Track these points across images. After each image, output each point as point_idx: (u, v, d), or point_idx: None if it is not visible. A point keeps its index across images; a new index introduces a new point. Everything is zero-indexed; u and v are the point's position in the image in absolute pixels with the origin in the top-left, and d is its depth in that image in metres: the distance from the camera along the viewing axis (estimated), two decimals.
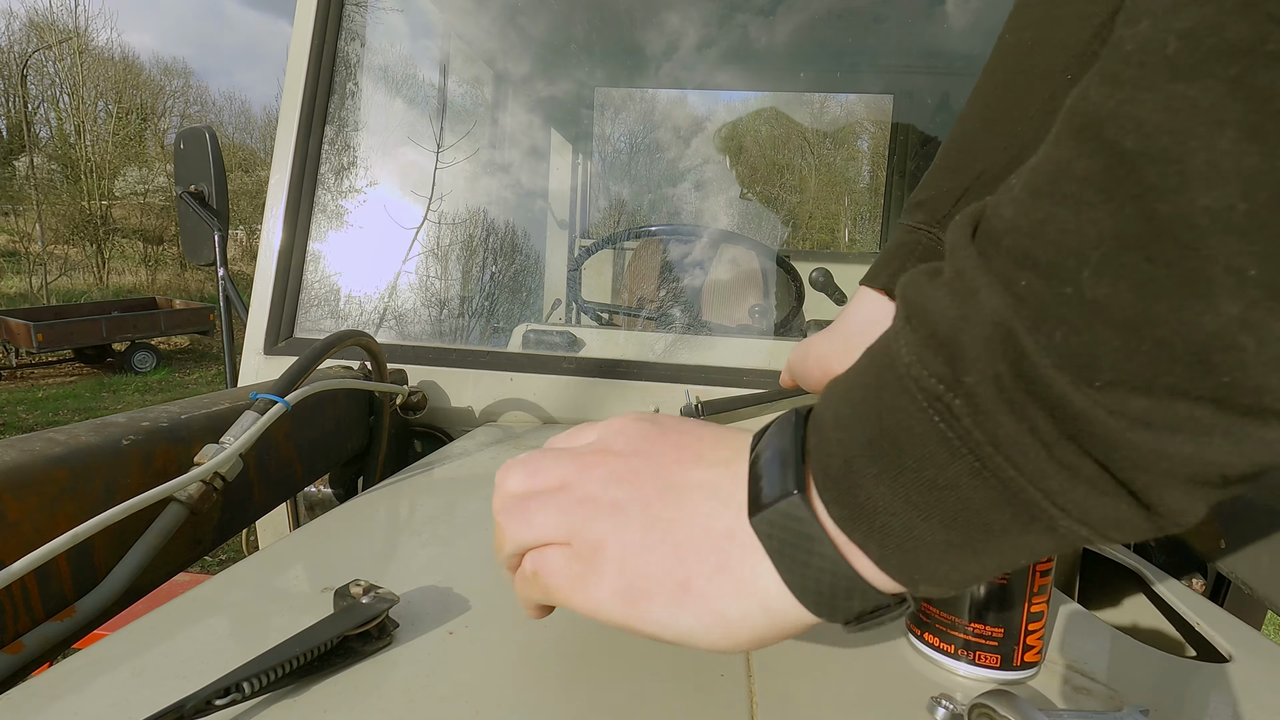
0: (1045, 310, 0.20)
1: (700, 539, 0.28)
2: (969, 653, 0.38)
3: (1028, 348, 0.20)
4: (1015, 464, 0.21)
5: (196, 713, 0.30)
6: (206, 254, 1.14)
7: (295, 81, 1.05)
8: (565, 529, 0.31)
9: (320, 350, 0.65)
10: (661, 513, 0.29)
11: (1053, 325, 0.20)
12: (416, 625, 0.41)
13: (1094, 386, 0.19)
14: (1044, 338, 0.20)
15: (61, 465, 0.48)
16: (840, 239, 12.94)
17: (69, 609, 0.47)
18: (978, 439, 0.21)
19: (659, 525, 0.29)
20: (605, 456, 0.32)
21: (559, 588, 0.31)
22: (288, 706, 0.33)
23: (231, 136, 22.41)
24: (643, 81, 2.02)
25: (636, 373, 0.97)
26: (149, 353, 9.31)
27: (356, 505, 0.64)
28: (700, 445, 0.31)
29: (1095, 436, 0.20)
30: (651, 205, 2.15)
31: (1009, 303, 0.21)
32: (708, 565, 0.27)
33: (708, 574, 0.27)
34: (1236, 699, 0.39)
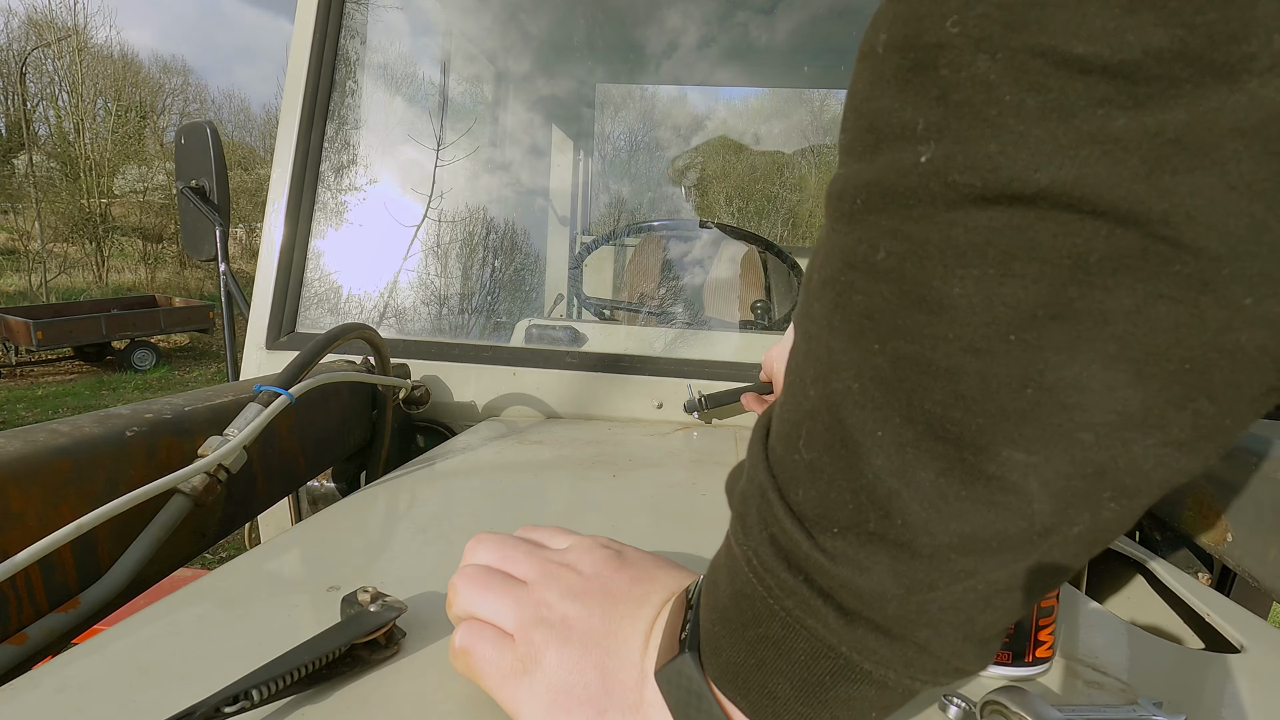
0: (786, 472, 0.24)
1: (624, 676, 0.30)
2: None
3: (778, 509, 0.24)
4: (810, 614, 0.23)
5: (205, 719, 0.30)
6: (207, 249, 1.14)
7: (296, 79, 1.05)
8: (514, 621, 0.33)
9: (324, 343, 0.65)
10: (601, 640, 0.31)
11: (794, 485, 0.23)
12: (424, 634, 0.40)
13: (830, 534, 0.23)
14: (791, 497, 0.24)
15: (65, 456, 0.48)
16: None
17: (73, 600, 0.47)
18: (777, 594, 0.24)
19: (596, 650, 0.31)
20: (569, 572, 0.35)
21: (486, 675, 0.33)
22: (296, 715, 0.33)
23: (231, 134, 22.39)
24: (644, 78, 2.02)
25: (639, 367, 0.97)
26: (149, 350, 9.31)
27: (359, 499, 0.64)
28: (651, 585, 0.33)
29: (843, 584, 0.22)
30: (652, 202, 2.14)
31: (769, 475, 0.24)
32: (625, 702, 0.29)
33: (623, 710, 0.29)
34: (1250, 689, 0.39)
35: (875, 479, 0.21)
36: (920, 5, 0.19)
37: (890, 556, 0.22)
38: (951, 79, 0.18)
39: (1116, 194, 0.17)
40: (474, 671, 0.33)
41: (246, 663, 0.33)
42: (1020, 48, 0.17)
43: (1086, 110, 0.17)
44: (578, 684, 0.30)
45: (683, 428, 0.94)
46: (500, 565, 0.37)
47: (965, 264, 0.19)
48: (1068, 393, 0.19)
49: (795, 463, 0.23)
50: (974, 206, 0.18)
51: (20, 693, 0.34)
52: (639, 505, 0.63)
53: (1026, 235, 0.18)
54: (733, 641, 0.26)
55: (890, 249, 0.20)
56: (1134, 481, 0.20)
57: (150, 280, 16.09)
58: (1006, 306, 0.18)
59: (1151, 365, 0.18)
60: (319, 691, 0.35)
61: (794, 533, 0.23)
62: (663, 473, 0.73)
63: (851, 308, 0.21)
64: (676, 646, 0.28)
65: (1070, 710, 0.33)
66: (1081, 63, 0.16)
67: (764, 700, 0.25)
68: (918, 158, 0.19)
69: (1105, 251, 0.17)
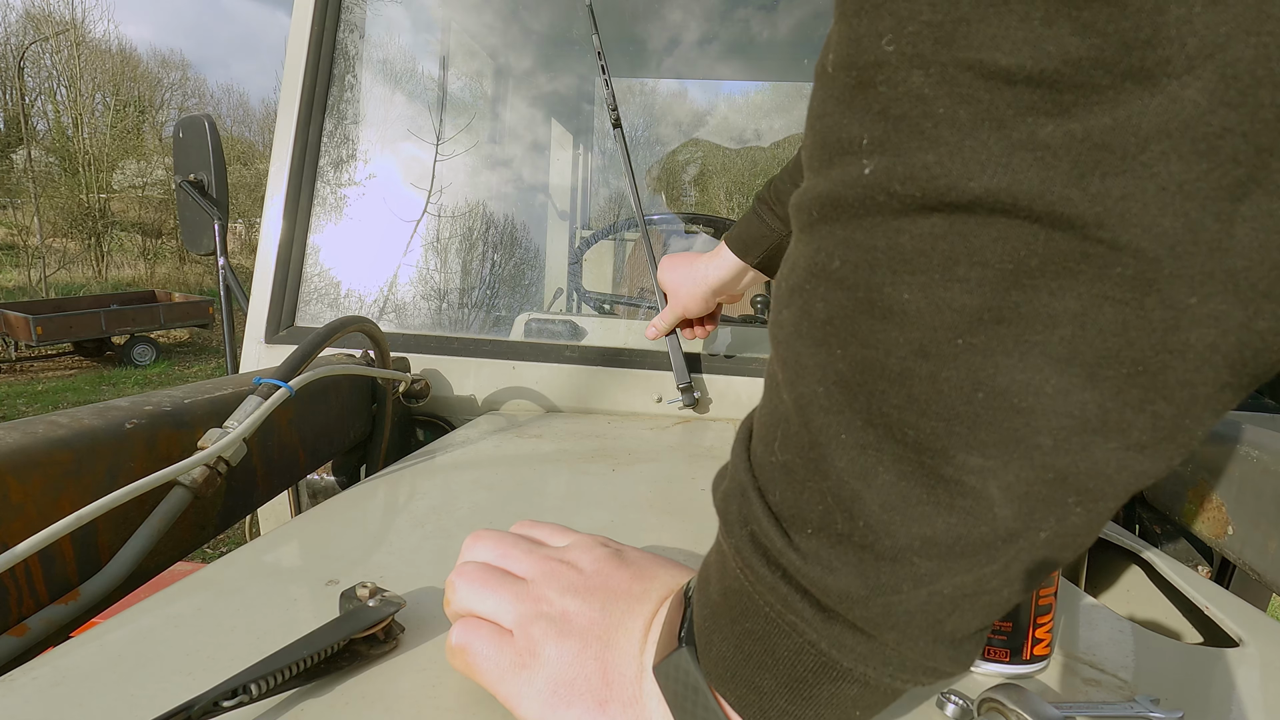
0: (764, 474, 0.25)
1: (624, 670, 0.30)
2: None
3: (757, 508, 0.24)
4: (790, 609, 0.24)
5: (204, 714, 0.30)
6: (206, 243, 1.14)
7: (294, 73, 1.04)
8: (513, 618, 0.33)
9: (323, 335, 0.65)
10: (601, 634, 0.31)
11: (772, 486, 0.24)
12: (423, 629, 0.40)
13: (804, 534, 0.23)
14: (769, 497, 0.24)
15: (65, 448, 0.48)
16: None
17: (73, 592, 0.47)
18: (760, 590, 0.24)
19: (597, 644, 0.31)
20: (569, 569, 0.35)
21: (485, 671, 0.33)
22: (295, 710, 0.33)
23: (230, 129, 22.34)
24: (645, 72, 2.01)
25: (638, 361, 0.97)
26: (148, 346, 9.31)
27: (359, 493, 0.64)
28: (650, 582, 0.34)
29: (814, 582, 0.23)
30: (651, 198, 2.14)
31: (750, 475, 0.25)
32: (625, 694, 0.30)
33: (623, 702, 0.30)
34: (1249, 683, 0.39)
35: (840, 481, 0.22)
36: (860, 26, 0.19)
37: (855, 558, 0.22)
38: (890, 94, 0.19)
39: (1050, 199, 0.17)
40: (471, 668, 0.33)
41: (245, 655, 0.33)
42: (950, 62, 0.18)
43: (1015, 119, 0.17)
44: (578, 677, 0.30)
45: (682, 421, 0.94)
46: (498, 562, 0.37)
47: (911, 270, 0.19)
48: (1021, 396, 0.19)
49: (772, 464, 0.24)
50: (916, 214, 0.19)
51: (20, 684, 0.34)
52: (638, 499, 0.63)
53: (967, 241, 0.18)
54: (723, 636, 0.26)
55: (844, 257, 0.21)
56: (1097, 485, 0.20)
57: (149, 275, 16.08)
58: (952, 311, 0.19)
59: (1103, 368, 0.18)
60: (317, 686, 0.35)
61: (771, 531, 0.24)
62: (662, 466, 0.73)
63: (815, 314, 0.22)
64: (674, 641, 0.28)
65: (1068, 708, 0.33)
66: (1007, 74, 0.17)
67: (752, 695, 0.25)
68: (862, 170, 0.20)
69: (1045, 255, 0.18)
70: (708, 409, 0.96)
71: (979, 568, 0.21)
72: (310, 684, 0.35)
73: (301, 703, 0.33)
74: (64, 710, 0.32)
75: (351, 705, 0.34)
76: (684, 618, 0.29)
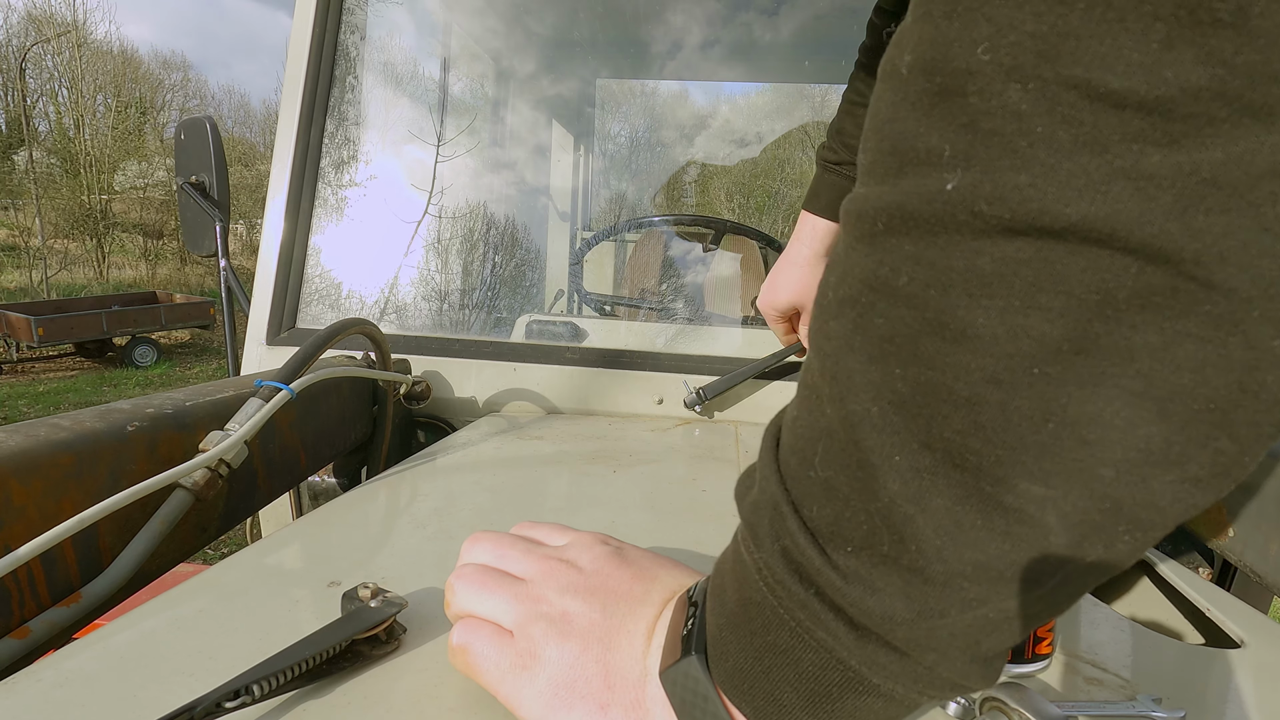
0: (800, 488, 0.24)
1: (626, 671, 0.30)
2: None
3: (791, 523, 0.24)
4: (821, 626, 0.23)
5: (206, 714, 0.30)
6: (208, 245, 1.14)
7: (295, 74, 1.05)
8: (513, 619, 0.33)
9: (325, 338, 0.65)
10: (602, 636, 0.31)
11: (808, 501, 0.23)
12: (424, 629, 0.40)
13: (844, 553, 0.23)
14: (805, 512, 0.24)
15: (67, 450, 0.48)
16: None
17: (75, 595, 0.47)
18: (788, 605, 0.24)
19: (598, 645, 0.31)
20: (568, 568, 0.35)
21: (485, 671, 0.33)
22: (297, 710, 0.33)
23: (231, 130, 22.36)
24: (645, 73, 2.01)
25: (639, 363, 0.97)
26: (149, 347, 9.31)
27: (360, 495, 0.64)
28: (652, 583, 0.34)
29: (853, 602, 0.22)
30: (652, 199, 2.14)
31: (781, 487, 0.24)
32: (627, 698, 0.29)
33: (626, 706, 0.29)
34: (1250, 684, 0.39)
35: (891, 503, 0.21)
36: (949, 29, 0.18)
37: (902, 580, 0.22)
38: (981, 107, 0.18)
39: (1148, 231, 0.16)
40: (472, 669, 0.33)
41: (247, 657, 0.34)
42: (1053, 79, 0.17)
43: (1120, 145, 0.16)
44: (579, 678, 0.30)
45: (683, 423, 0.94)
46: (497, 563, 0.37)
47: (990, 294, 0.19)
48: (1089, 428, 0.19)
49: (810, 479, 0.23)
50: (1000, 237, 0.18)
51: (22, 686, 0.34)
52: (639, 501, 0.63)
53: (1054, 268, 0.18)
54: (740, 647, 0.26)
55: (912, 274, 0.20)
56: (1150, 516, 0.20)
57: (151, 276, 16.09)
58: (1030, 339, 0.18)
59: (1175, 403, 0.18)
60: (320, 687, 0.35)
61: (807, 548, 0.23)
62: (663, 468, 0.73)
63: (872, 330, 0.21)
64: (679, 646, 0.28)
65: (1070, 707, 0.33)
66: (1116, 97, 0.16)
67: (769, 707, 0.25)
68: (943, 184, 0.19)
69: (1134, 288, 0.17)
70: (710, 411, 0.96)
71: (1026, 592, 0.21)
72: (312, 685, 0.35)
73: (304, 703, 0.33)
74: (66, 712, 0.32)
75: (353, 705, 0.34)
76: (688, 622, 0.29)
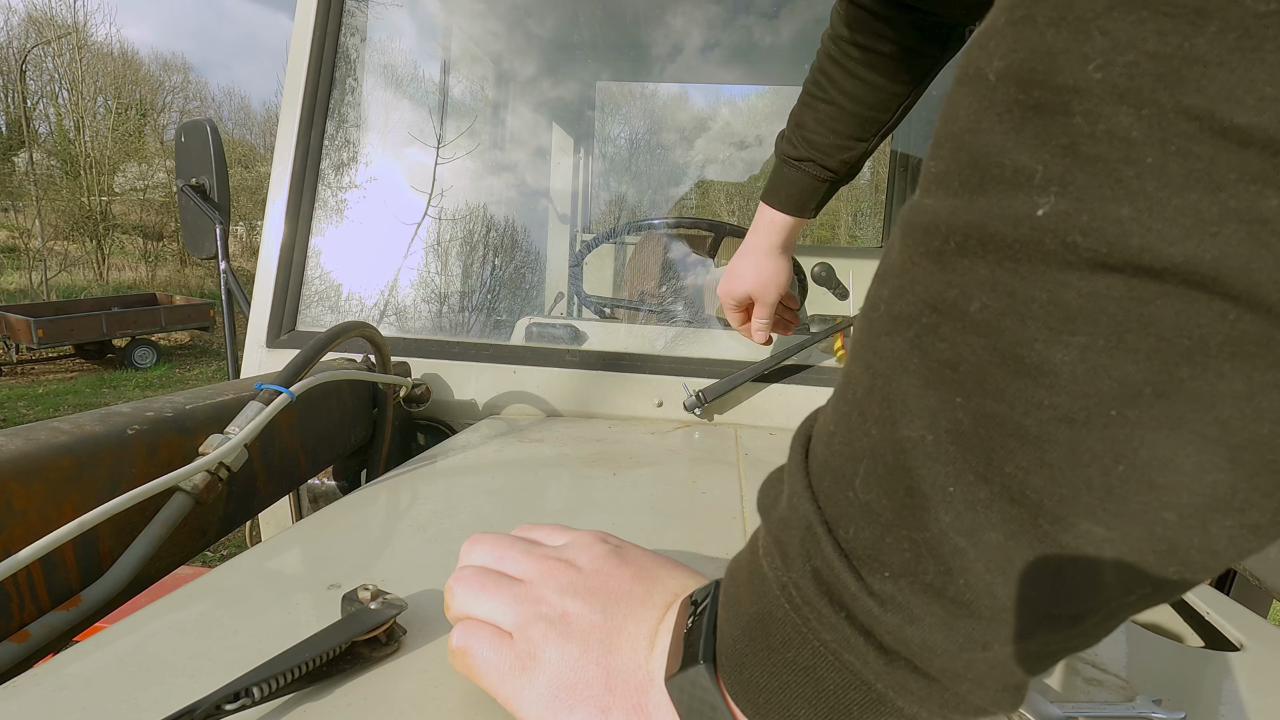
0: (836, 509, 0.23)
1: (628, 674, 0.30)
2: None
3: (825, 544, 0.23)
4: (848, 649, 0.23)
5: (206, 717, 0.30)
6: (208, 247, 1.14)
7: (296, 76, 1.05)
8: (512, 620, 0.33)
9: (324, 341, 0.65)
10: (604, 637, 0.31)
11: (845, 523, 0.23)
12: (425, 631, 0.40)
13: (881, 578, 0.22)
14: (840, 533, 0.23)
15: (67, 454, 0.48)
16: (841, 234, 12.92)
17: (74, 598, 0.47)
18: (814, 625, 0.23)
19: (599, 647, 0.31)
20: (567, 568, 0.35)
21: (485, 674, 0.32)
22: (297, 712, 0.33)
23: (231, 132, 22.37)
24: (645, 76, 2.01)
25: (639, 365, 0.97)
26: (149, 348, 9.31)
27: (360, 498, 0.64)
28: (653, 584, 0.33)
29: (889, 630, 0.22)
30: (652, 200, 2.14)
31: (814, 506, 0.24)
32: (629, 701, 0.29)
33: (627, 709, 0.29)
34: (1249, 687, 0.39)
35: (941, 535, 0.20)
36: (1056, 39, 0.17)
37: (945, 612, 0.21)
38: (1085, 129, 0.17)
39: (1255, 279, 0.16)
40: (472, 671, 0.33)
41: (248, 660, 0.34)
42: (1171, 107, 0.16)
43: (1237, 185, 0.15)
44: (579, 680, 0.30)
45: (683, 426, 0.94)
46: (496, 565, 0.37)
47: (1073, 330, 0.18)
48: (1159, 472, 0.18)
49: (848, 500, 0.23)
50: (1091, 271, 0.17)
51: (22, 690, 0.35)
52: (639, 503, 0.63)
53: (1147, 309, 0.17)
54: (756, 661, 0.25)
55: (987, 301, 0.19)
56: (1203, 560, 0.19)
57: (151, 278, 16.09)
58: (1112, 380, 0.18)
59: (1248, 451, 0.17)
60: (320, 689, 0.35)
61: (841, 571, 0.23)
62: (663, 471, 0.73)
63: (933, 354, 0.20)
64: (683, 652, 0.28)
65: (1070, 707, 0.34)
66: (1240, 133, 0.15)
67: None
68: (1033, 209, 0.18)
69: (1228, 335, 0.16)
70: (710, 414, 0.96)
71: (1070, 628, 0.21)
72: (313, 687, 0.35)
73: (304, 705, 0.33)
74: (66, 716, 0.32)
75: (353, 707, 0.34)
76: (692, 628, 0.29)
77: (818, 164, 0.80)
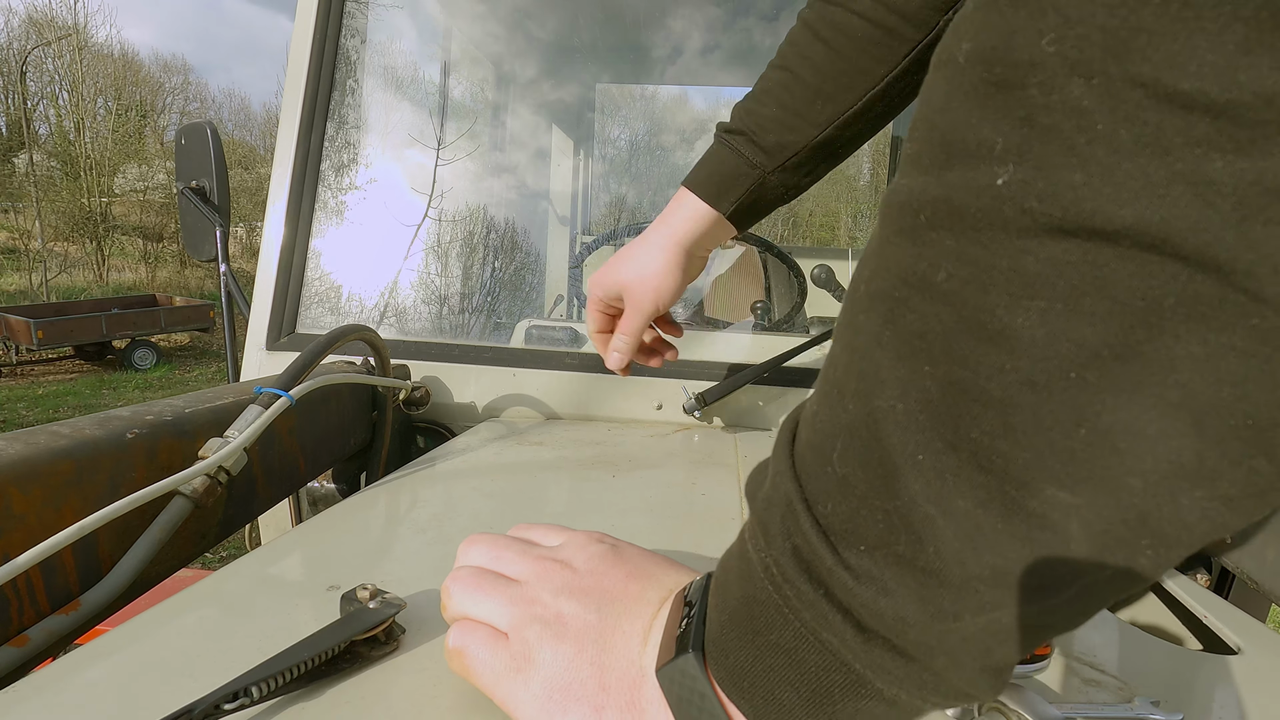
0: (815, 484, 0.23)
1: (622, 672, 0.30)
2: None
3: (804, 521, 0.23)
4: (827, 628, 0.23)
5: (205, 716, 0.30)
6: (208, 250, 1.14)
7: (296, 78, 1.05)
8: (508, 621, 0.33)
9: (324, 345, 0.65)
10: (597, 637, 0.31)
11: (823, 499, 0.23)
12: (423, 630, 0.40)
13: (857, 552, 0.22)
14: (818, 509, 0.23)
15: (66, 458, 0.48)
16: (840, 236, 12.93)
17: (74, 602, 0.47)
18: (795, 605, 0.24)
19: (593, 647, 0.31)
20: (562, 569, 0.35)
21: (480, 674, 0.33)
22: (296, 712, 0.33)
23: (231, 133, 22.39)
24: (645, 78, 2.02)
25: (638, 368, 0.97)
26: (149, 350, 9.32)
27: (360, 501, 0.64)
28: (647, 582, 0.34)
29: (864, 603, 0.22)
30: (652, 202, 2.14)
31: (795, 484, 0.24)
32: (622, 699, 0.29)
33: (621, 707, 0.29)
34: (1246, 690, 0.39)
35: (911, 503, 0.21)
36: (1014, 18, 0.18)
37: (917, 582, 0.21)
38: (1040, 100, 0.17)
39: (1203, 239, 0.16)
40: (468, 671, 0.33)
41: (248, 663, 0.34)
42: (1120, 75, 0.16)
43: (1183, 149, 0.16)
44: (574, 681, 0.30)
45: (682, 429, 0.94)
46: (493, 565, 0.37)
47: (1032, 295, 0.18)
48: (1121, 436, 0.18)
49: (826, 475, 0.23)
50: (1048, 236, 0.18)
51: (22, 695, 0.35)
52: (639, 506, 0.63)
53: (1101, 272, 0.17)
54: (741, 645, 0.25)
55: (952, 271, 0.19)
56: (1175, 532, 0.19)
57: (151, 279, 16.10)
58: (1071, 343, 0.18)
59: (1211, 418, 0.17)
60: (318, 688, 0.35)
61: (818, 546, 0.23)
62: (662, 473, 0.73)
63: (904, 326, 0.21)
64: (674, 645, 0.28)
65: (1068, 708, 0.34)
66: (1184, 98, 0.15)
67: (769, 707, 0.25)
68: (994, 179, 0.18)
69: (1181, 296, 0.17)
70: (709, 417, 0.96)
71: (1043, 600, 0.21)
72: (311, 686, 0.35)
73: (302, 704, 0.34)
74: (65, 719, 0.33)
75: (352, 705, 0.34)
76: (684, 621, 0.29)
77: (749, 139, 0.65)
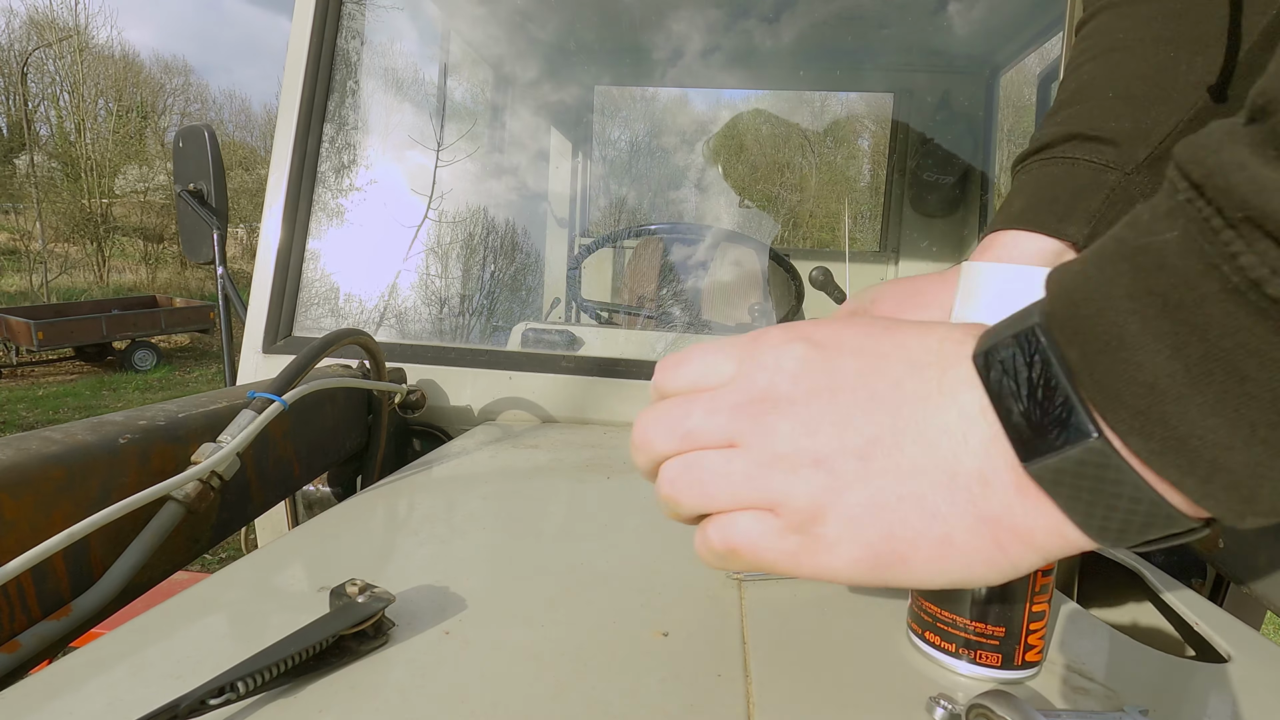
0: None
1: (946, 488, 0.25)
2: (970, 652, 0.38)
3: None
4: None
5: (191, 712, 0.30)
6: (206, 252, 1.14)
7: (294, 79, 1.05)
8: (761, 497, 0.28)
9: (318, 349, 0.65)
10: (884, 463, 0.26)
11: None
12: (413, 624, 0.41)
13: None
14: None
15: (58, 464, 0.48)
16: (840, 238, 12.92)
17: (65, 608, 0.47)
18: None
19: (885, 478, 0.26)
20: (777, 405, 0.28)
21: (775, 561, 0.28)
22: (283, 706, 0.33)
23: (231, 134, 22.41)
24: (643, 80, 2.02)
25: (635, 371, 0.97)
26: (149, 351, 9.32)
27: (355, 504, 0.64)
28: (890, 371, 0.27)
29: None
30: (651, 204, 2.14)
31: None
32: (967, 516, 0.25)
33: (970, 525, 0.25)
34: (1236, 699, 0.39)
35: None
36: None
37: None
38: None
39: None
40: (760, 567, 0.29)
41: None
42: None
43: None
44: (892, 525, 0.26)
45: None
46: (688, 444, 0.30)
47: None
48: None
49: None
50: None
51: (12, 700, 0.35)
52: (634, 508, 0.63)
53: None
54: (1204, 411, 0.20)
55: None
56: None
57: (151, 280, 16.10)
58: None
59: None
60: (306, 681, 0.35)
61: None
62: None
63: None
64: (1042, 433, 0.23)
65: (1056, 715, 0.34)
66: None
67: (1245, 481, 0.20)
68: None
69: None
70: None
71: None
72: (299, 680, 0.35)
73: (290, 697, 0.34)
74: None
75: (340, 699, 0.34)
76: (1007, 406, 0.24)
77: (1081, 140, 0.47)
